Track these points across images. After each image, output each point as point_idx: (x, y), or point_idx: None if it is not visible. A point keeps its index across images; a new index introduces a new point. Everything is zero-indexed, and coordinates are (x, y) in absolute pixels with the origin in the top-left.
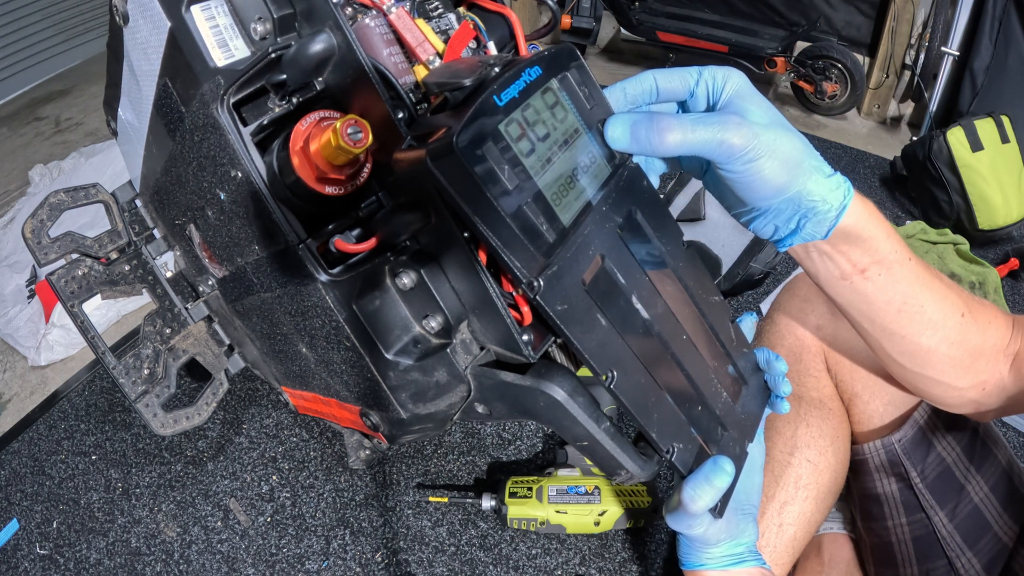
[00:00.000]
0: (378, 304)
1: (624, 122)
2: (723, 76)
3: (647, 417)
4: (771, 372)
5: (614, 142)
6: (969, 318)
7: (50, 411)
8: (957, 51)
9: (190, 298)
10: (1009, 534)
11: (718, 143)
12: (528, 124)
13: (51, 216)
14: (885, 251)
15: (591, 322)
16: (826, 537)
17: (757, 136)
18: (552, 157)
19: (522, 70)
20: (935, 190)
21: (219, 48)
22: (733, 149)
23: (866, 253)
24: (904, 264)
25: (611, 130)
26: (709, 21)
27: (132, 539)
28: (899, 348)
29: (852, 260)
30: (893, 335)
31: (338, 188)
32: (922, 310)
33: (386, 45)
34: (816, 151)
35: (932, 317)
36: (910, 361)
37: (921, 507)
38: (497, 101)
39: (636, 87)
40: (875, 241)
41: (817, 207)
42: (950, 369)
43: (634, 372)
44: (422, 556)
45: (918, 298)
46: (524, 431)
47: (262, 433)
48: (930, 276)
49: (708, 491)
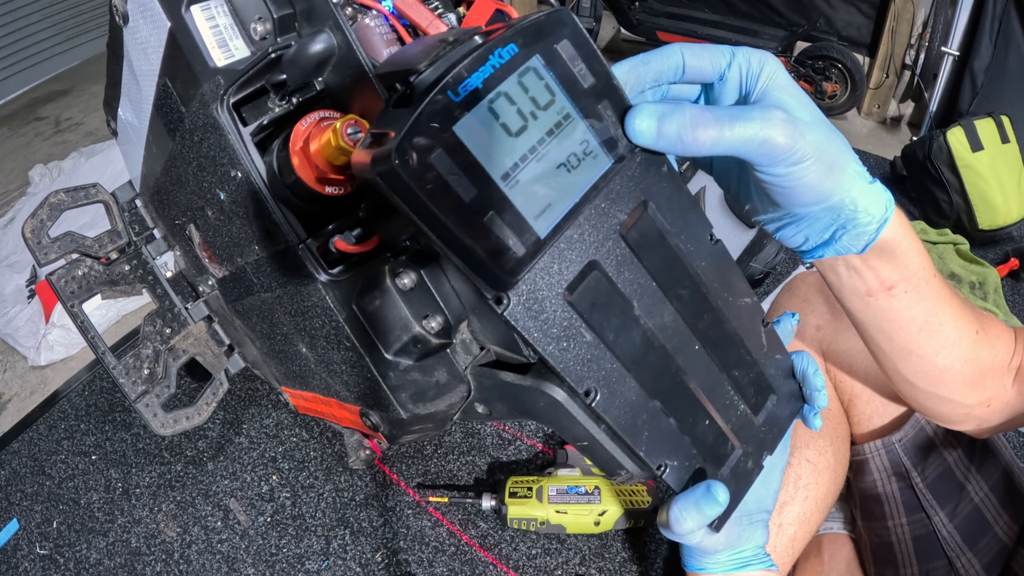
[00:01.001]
0: (378, 304)
1: (651, 114)
2: (759, 61)
3: (635, 436)
4: (808, 385)
5: (638, 136)
6: (982, 335)
7: (50, 411)
8: (957, 51)
9: (190, 298)
10: (1009, 534)
11: (761, 142)
12: (496, 117)
13: (51, 216)
14: (915, 268)
15: (571, 338)
16: (826, 537)
17: (803, 135)
18: (528, 154)
19: (490, 52)
20: (935, 190)
21: (219, 48)
22: (776, 150)
23: (896, 269)
24: (929, 281)
25: (636, 122)
26: (709, 21)
27: (132, 539)
28: (914, 368)
29: (881, 276)
30: (911, 354)
31: (338, 188)
32: (942, 328)
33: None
34: (855, 154)
35: (950, 335)
36: (923, 381)
37: (921, 507)
38: (452, 96)
39: (661, 62)
40: (907, 257)
41: (858, 218)
42: (961, 387)
43: (623, 389)
44: (422, 556)
45: (939, 316)
46: (524, 431)
47: (262, 433)
48: (949, 293)
49: (695, 516)
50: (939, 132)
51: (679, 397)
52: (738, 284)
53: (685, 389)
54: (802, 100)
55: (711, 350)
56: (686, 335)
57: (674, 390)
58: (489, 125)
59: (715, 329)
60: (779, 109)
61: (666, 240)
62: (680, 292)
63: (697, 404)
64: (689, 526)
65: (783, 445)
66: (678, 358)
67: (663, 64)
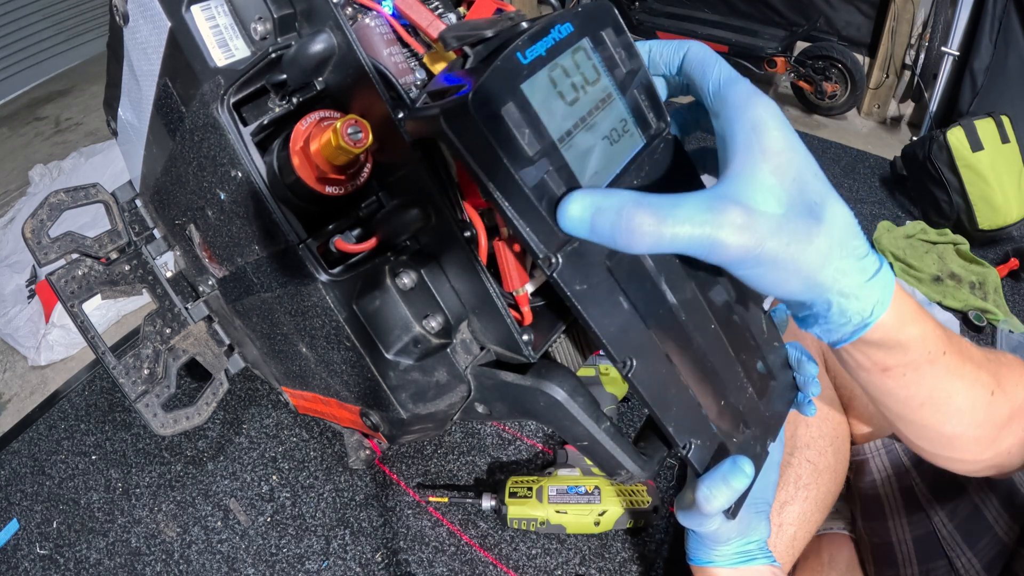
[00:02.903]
0: (378, 304)
1: (584, 205)
2: (716, 73)
3: (665, 410)
4: (801, 372)
5: (568, 224)
6: (999, 393)
7: (50, 411)
8: (957, 51)
9: (190, 298)
10: (1009, 534)
11: (709, 247)
12: (555, 85)
13: (51, 216)
14: (915, 354)
15: (612, 305)
16: (826, 537)
17: (762, 243)
18: (580, 123)
19: (551, 26)
20: (935, 190)
21: (219, 48)
22: (729, 255)
23: (891, 356)
24: (935, 362)
25: (568, 209)
26: (709, 21)
27: (132, 539)
28: (918, 434)
29: (873, 360)
30: (913, 424)
31: (338, 188)
32: (949, 401)
33: (386, 45)
34: (858, 228)
35: (960, 405)
36: (930, 445)
37: (921, 507)
38: (521, 58)
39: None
40: (905, 348)
41: (831, 318)
42: (973, 447)
43: (655, 361)
44: (422, 556)
45: (946, 390)
46: (524, 431)
47: (262, 433)
48: (961, 361)
49: (725, 492)
50: (939, 132)
51: (701, 374)
52: None
53: (706, 366)
54: (778, 165)
55: (725, 331)
56: (705, 313)
57: (696, 367)
58: (549, 90)
59: (726, 311)
60: (736, 204)
61: None
62: (697, 272)
63: (718, 382)
64: (721, 502)
65: (779, 438)
66: (698, 336)
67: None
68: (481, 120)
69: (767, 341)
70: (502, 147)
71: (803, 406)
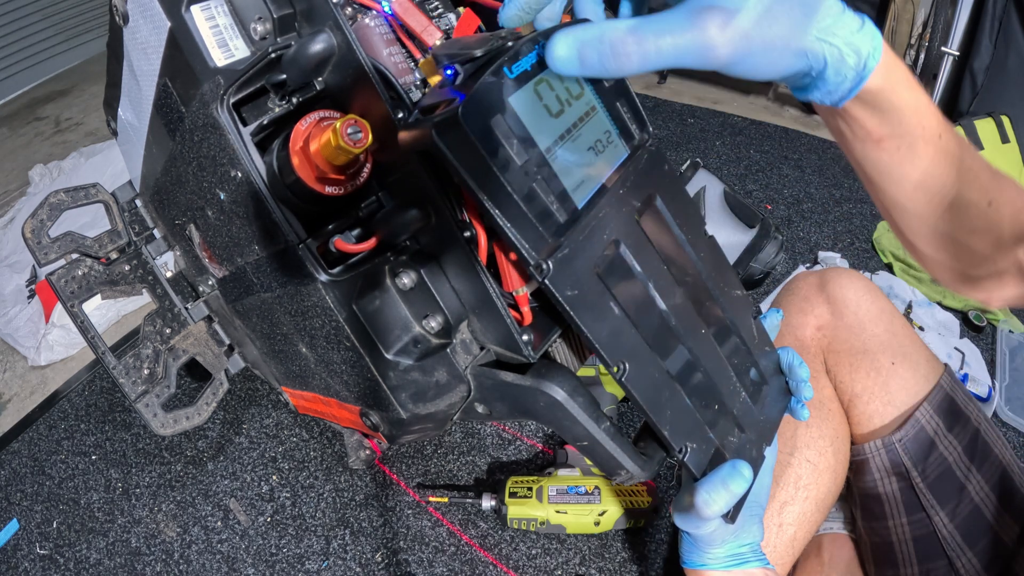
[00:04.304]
0: (378, 304)
1: (570, 43)
2: None
3: (659, 413)
4: (793, 377)
5: (559, 65)
6: (996, 206)
7: (50, 411)
8: (957, 51)
9: (190, 298)
10: (1009, 534)
11: (698, 52)
12: (541, 98)
13: (51, 216)
14: (909, 124)
15: (603, 310)
16: (826, 537)
17: (748, 33)
18: (566, 134)
19: (535, 42)
20: None
21: (219, 48)
22: (720, 56)
23: (885, 123)
24: (929, 141)
25: (555, 49)
26: None
27: (132, 539)
28: (915, 229)
29: (867, 127)
30: (906, 211)
31: (338, 188)
32: (943, 191)
33: (386, 45)
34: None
35: (954, 200)
36: (926, 245)
37: (922, 507)
38: (508, 73)
39: None
40: (898, 112)
41: (828, 76)
42: (970, 257)
43: (647, 365)
44: (422, 556)
45: (940, 178)
46: (524, 431)
47: (262, 433)
48: (959, 151)
49: (724, 496)
50: None
51: (694, 378)
52: (730, 277)
53: (698, 370)
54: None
55: (716, 336)
56: (694, 318)
57: (689, 370)
58: (535, 103)
59: (716, 316)
60: (712, 6)
61: (671, 229)
62: (686, 278)
63: (712, 386)
64: (720, 506)
65: (773, 442)
66: (689, 340)
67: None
68: (471, 132)
69: (758, 346)
70: (492, 157)
71: (796, 410)
